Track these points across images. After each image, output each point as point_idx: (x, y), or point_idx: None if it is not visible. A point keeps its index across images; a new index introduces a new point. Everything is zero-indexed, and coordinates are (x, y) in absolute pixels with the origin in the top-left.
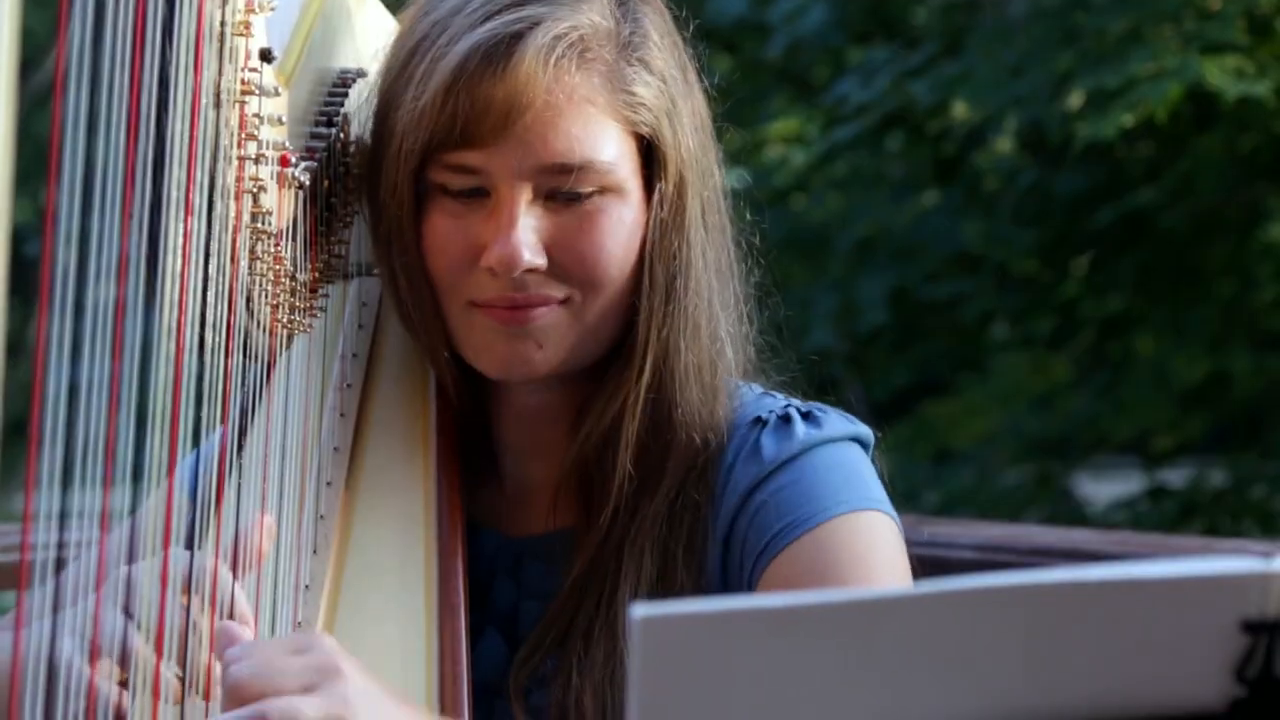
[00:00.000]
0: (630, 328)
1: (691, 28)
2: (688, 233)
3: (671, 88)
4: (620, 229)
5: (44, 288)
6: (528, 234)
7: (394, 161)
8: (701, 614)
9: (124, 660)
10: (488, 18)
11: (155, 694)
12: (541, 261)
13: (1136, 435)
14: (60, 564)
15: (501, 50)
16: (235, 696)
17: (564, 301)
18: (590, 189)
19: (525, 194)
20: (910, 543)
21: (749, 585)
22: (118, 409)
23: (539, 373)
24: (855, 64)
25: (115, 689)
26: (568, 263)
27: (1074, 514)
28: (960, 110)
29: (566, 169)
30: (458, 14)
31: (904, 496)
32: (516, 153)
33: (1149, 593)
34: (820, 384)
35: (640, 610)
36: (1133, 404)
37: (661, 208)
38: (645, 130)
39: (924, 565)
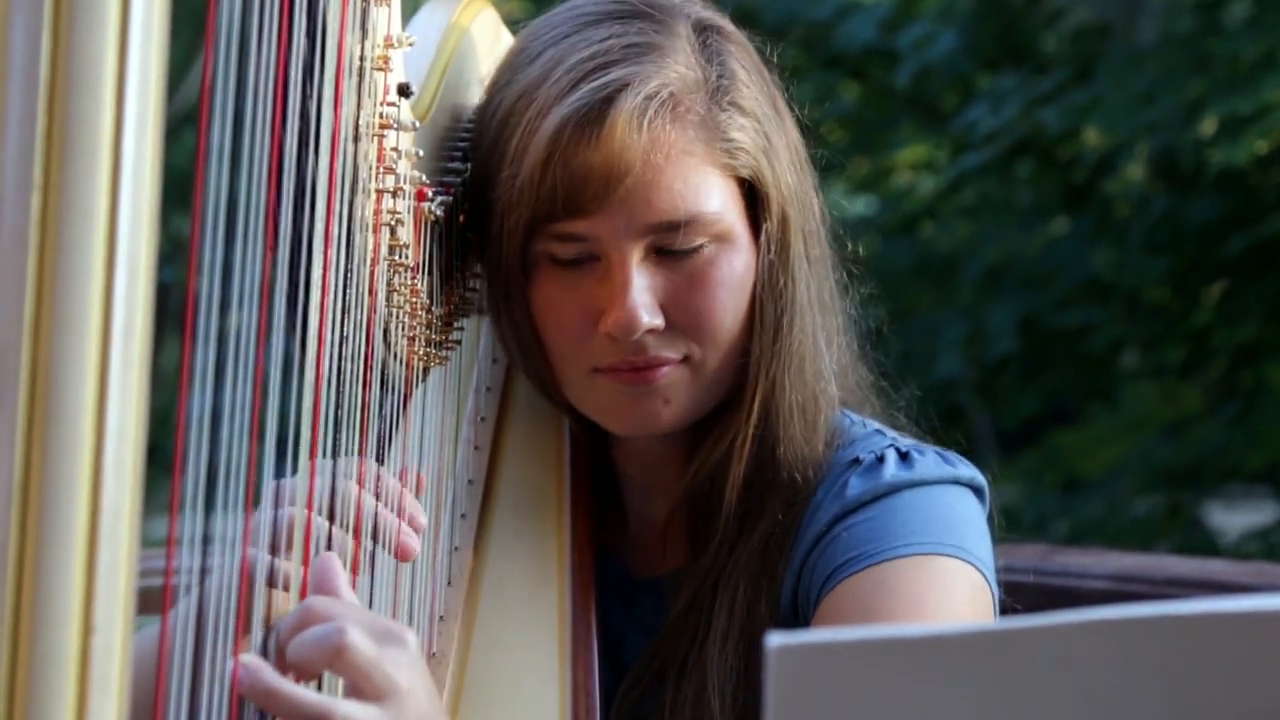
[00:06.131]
0: (743, 369)
1: (775, 54)
2: (793, 269)
3: (765, 125)
4: (732, 277)
5: (188, 316)
6: (643, 295)
7: (499, 238)
8: (836, 643)
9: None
10: (574, 85)
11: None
12: (659, 322)
13: (1269, 465)
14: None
15: (593, 117)
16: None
17: (684, 360)
18: (700, 241)
19: (635, 254)
20: (1042, 572)
21: (808, 616)
22: (259, 436)
23: (667, 428)
24: (984, 91)
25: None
26: (684, 319)
27: (1205, 544)
28: (1091, 137)
29: (674, 225)
30: (543, 84)
31: (1032, 525)
32: (622, 216)
33: None
34: (947, 412)
35: (775, 640)
36: (1265, 433)
37: (769, 249)
38: (746, 173)
39: (1056, 595)
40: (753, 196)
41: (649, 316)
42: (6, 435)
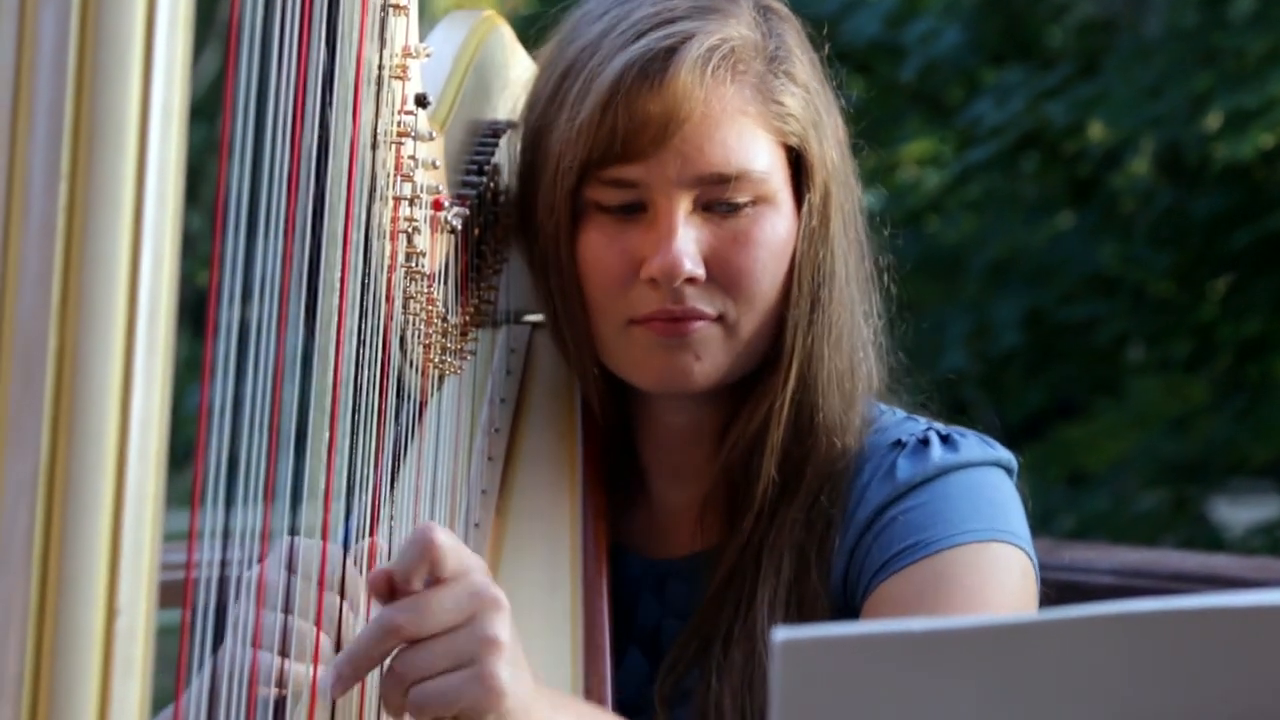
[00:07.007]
0: (777, 339)
1: (826, 49)
2: (832, 243)
3: (815, 99)
4: (774, 240)
5: (210, 309)
6: (688, 244)
7: (551, 182)
8: (843, 637)
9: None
10: (639, 36)
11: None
12: (701, 271)
13: (1274, 459)
14: (224, 582)
15: (657, 65)
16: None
17: (718, 319)
18: (746, 199)
19: (683, 205)
20: (1047, 566)
21: (861, 599)
22: (278, 434)
23: (696, 385)
24: (990, 85)
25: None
26: (724, 275)
27: (1210, 538)
28: (1096, 131)
29: (724, 178)
30: (607, 35)
31: (1038, 519)
32: (674, 164)
33: None
34: (953, 406)
35: (781, 634)
36: (1270, 427)
37: (811, 218)
38: (794, 141)
39: (1062, 590)
40: (798, 167)
41: (691, 264)
42: (33, 419)
